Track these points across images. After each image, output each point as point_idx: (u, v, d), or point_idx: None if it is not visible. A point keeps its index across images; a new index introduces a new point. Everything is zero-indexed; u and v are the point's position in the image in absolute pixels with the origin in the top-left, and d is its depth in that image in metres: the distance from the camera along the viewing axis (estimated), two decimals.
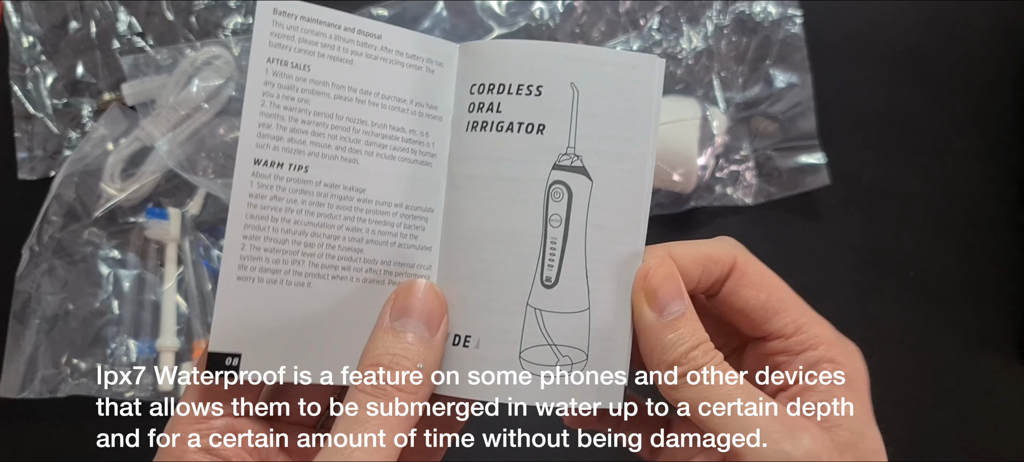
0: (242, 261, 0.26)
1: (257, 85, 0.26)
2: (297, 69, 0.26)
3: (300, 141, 0.26)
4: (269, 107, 0.26)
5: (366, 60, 0.27)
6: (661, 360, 0.26)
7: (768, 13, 0.53)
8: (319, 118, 0.26)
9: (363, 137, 0.27)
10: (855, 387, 0.26)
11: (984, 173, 0.54)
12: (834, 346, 0.27)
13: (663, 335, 0.26)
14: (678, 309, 0.26)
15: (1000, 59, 0.55)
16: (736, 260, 0.27)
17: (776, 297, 0.27)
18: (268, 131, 0.26)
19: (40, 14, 0.53)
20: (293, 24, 0.26)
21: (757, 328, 0.28)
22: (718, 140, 0.51)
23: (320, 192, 0.26)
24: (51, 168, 0.52)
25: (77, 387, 0.49)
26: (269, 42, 0.26)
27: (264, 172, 0.26)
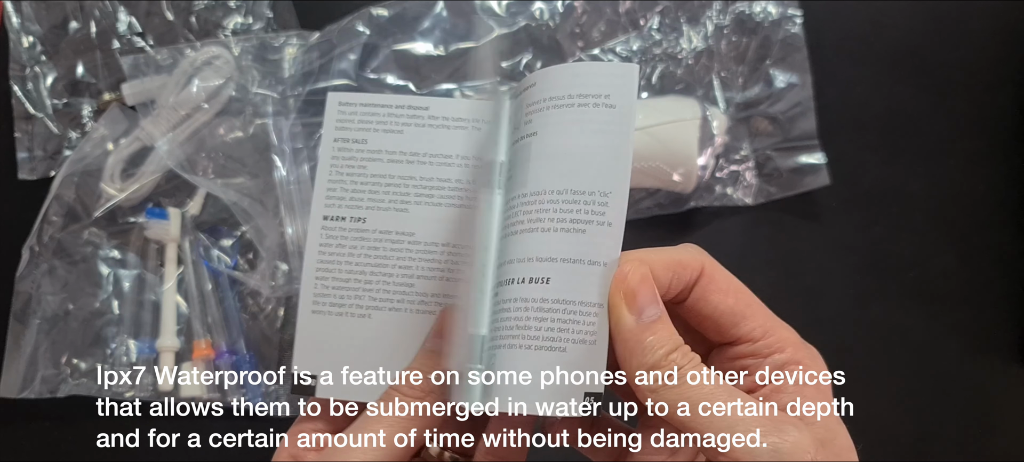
0: (315, 298, 0.32)
1: (326, 159, 0.32)
2: (356, 143, 0.32)
3: (359, 198, 0.32)
4: (334, 175, 0.32)
5: (415, 128, 0.32)
6: (641, 363, 0.26)
7: (768, 13, 0.53)
8: (375, 178, 0.32)
9: (412, 190, 0.32)
10: (821, 389, 0.27)
11: (985, 174, 0.54)
12: (800, 349, 0.27)
13: (642, 337, 0.26)
14: (654, 313, 0.26)
15: (1001, 60, 0.55)
16: (704, 266, 0.27)
17: (743, 302, 0.28)
18: (333, 193, 0.32)
19: (40, 14, 0.53)
20: (354, 110, 0.32)
21: (725, 333, 0.28)
22: (718, 140, 0.51)
23: (376, 238, 0.32)
24: (51, 168, 0.52)
25: (77, 387, 0.49)
26: (335, 126, 0.32)
27: (330, 226, 0.32)
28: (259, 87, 0.52)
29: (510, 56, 0.54)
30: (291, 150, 0.52)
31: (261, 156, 0.51)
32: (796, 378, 0.27)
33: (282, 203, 0.51)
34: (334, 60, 0.53)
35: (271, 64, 0.53)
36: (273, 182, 0.51)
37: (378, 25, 0.53)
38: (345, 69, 0.53)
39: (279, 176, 0.51)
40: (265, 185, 0.51)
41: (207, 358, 0.50)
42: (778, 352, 0.27)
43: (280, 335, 0.51)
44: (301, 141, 0.52)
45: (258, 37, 0.53)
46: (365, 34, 0.53)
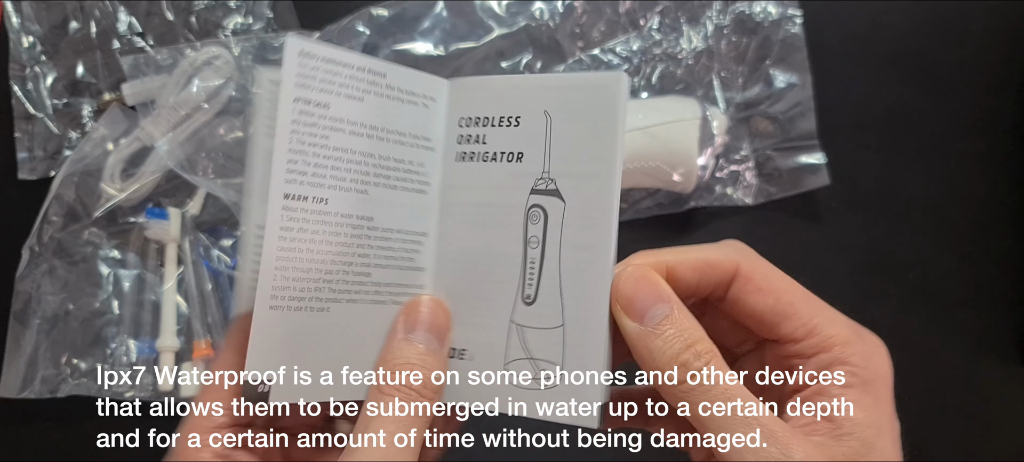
0: (274, 291, 0.27)
1: (285, 124, 0.27)
2: (319, 107, 0.28)
3: (321, 175, 0.28)
4: (296, 144, 0.27)
5: (374, 97, 0.29)
6: (652, 366, 0.26)
7: (768, 13, 0.53)
8: (337, 153, 0.28)
9: (372, 169, 0.29)
10: (869, 389, 0.25)
11: (985, 175, 0.54)
12: (850, 346, 0.26)
13: (649, 342, 0.25)
14: (662, 312, 0.26)
15: (1001, 60, 0.55)
16: (739, 266, 0.27)
17: (784, 301, 0.26)
18: (295, 167, 0.27)
19: (40, 14, 0.53)
20: (315, 65, 0.27)
21: (768, 332, 0.27)
22: (718, 140, 0.51)
23: (337, 222, 0.28)
24: (51, 168, 0.52)
25: (77, 387, 0.49)
26: (296, 83, 0.27)
27: (292, 205, 0.27)
28: (259, 87, 0.52)
29: (510, 56, 0.54)
30: None
31: None
32: (839, 380, 0.25)
33: None
34: None
35: (271, 64, 0.53)
36: None
37: (378, 25, 0.53)
38: None
39: None
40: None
41: (207, 358, 0.50)
42: (823, 352, 0.26)
43: None
44: None
45: (258, 37, 0.53)
46: (365, 34, 0.53)
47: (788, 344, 0.27)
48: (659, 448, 0.33)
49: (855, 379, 0.25)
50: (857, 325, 0.27)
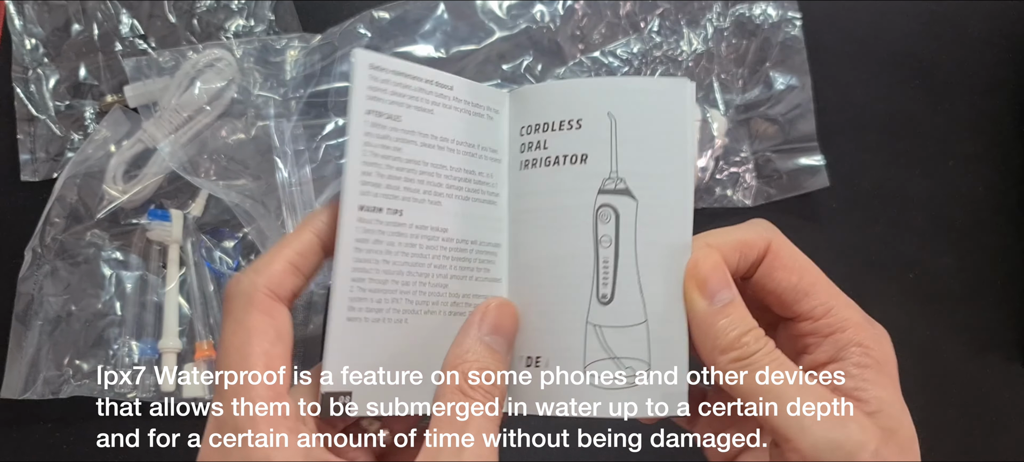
0: (351, 302, 0.27)
1: (358, 136, 0.27)
2: (390, 120, 0.28)
3: (395, 187, 0.28)
4: (369, 156, 0.27)
5: (443, 109, 0.29)
6: (714, 347, 0.26)
7: (768, 15, 0.53)
8: (410, 164, 0.28)
9: (444, 181, 0.29)
10: (884, 370, 0.27)
11: (984, 176, 0.54)
12: (863, 330, 0.27)
13: (715, 321, 0.26)
14: (727, 296, 0.27)
15: (1000, 62, 0.55)
16: (771, 243, 0.28)
17: (807, 280, 0.28)
18: (369, 178, 0.27)
19: (42, 16, 0.54)
20: (385, 78, 0.28)
21: (788, 309, 0.28)
22: (718, 142, 0.51)
23: (412, 234, 0.28)
24: (54, 170, 0.53)
25: (79, 388, 0.49)
26: (367, 95, 0.27)
27: (367, 217, 0.27)
28: (261, 89, 0.52)
29: (511, 58, 0.54)
30: (293, 152, 0.52)
31: (263, 158, 0.52)
32: (857, 360, 0.26)
33: (284, 205, 0.51)
34: (336, 62, 0.53)
35: (273, 66, 0.53)
36: (275, 184, 0.51)
37: (379, 28, 0.53)
38: (347, 71, 0.53)
39: (281, 178, 0.51)
40: (267, 187, 0.51)
41: (209, 359, 0.50)
42: (839, 332, 0.27)
43: None
44: (303, 143, 0.52)
45: (260, 39, 0.53)
46: (367, 36, 0.53)
47: (805, 323, 0.28)
48: (659, 448, 0.33)
49: (871, 360, 0.26)
50: (866, 314, 0.28)
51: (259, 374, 0.25)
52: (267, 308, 0.26)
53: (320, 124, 0.53)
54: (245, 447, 0.24)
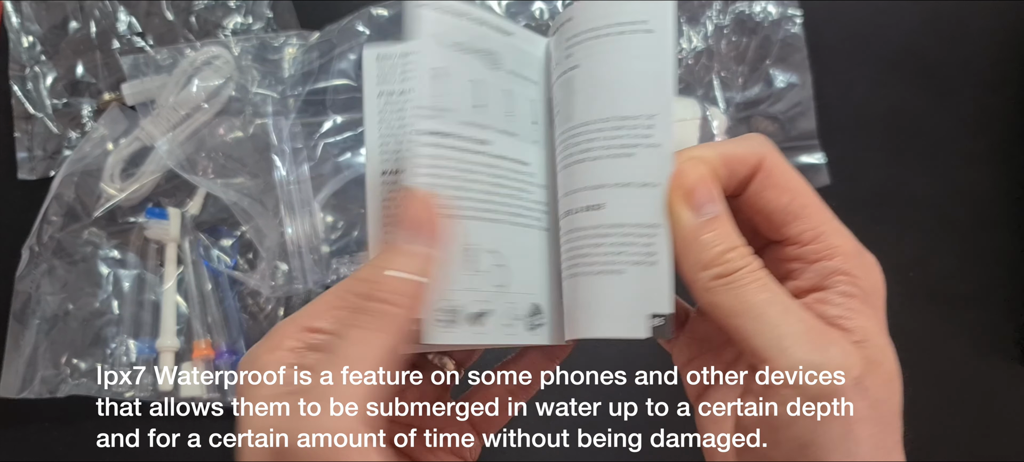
0: None
1: (373, 116, 0.30)
2: (401, 95, 0.30)
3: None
4: (384, 129, 0.30)
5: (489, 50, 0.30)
6: (697, 260, 0.25)
7: (768, 13, 0.53)
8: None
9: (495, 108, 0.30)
10: (870, 302, 0.26)
11: (987, 174, 0.54)
12: (850, 259, 0.26)
13: (699, 235, 0.25)
14: (713, 210, 0.25)
15: (1002, 59, 0.55)
16: (763, 159, 0.27)
17: (798, 202, 0.26)
18: (387, 147, 0.30)
19: (40, 14, 0.53)
20: (393, 62, 0.30)
21: (776, 231, 0.27)
22: (718, 140, 0.51)
23: None
24: (51, 168, 0.52)
25: (77, 387, 0.49)
26: (376, 81, 0.30)
27: (389, 179, 0.30)
28: (259, 87, 0.52)
29: None
30: (291, 150, 0.52)
31: (261, 156, 0.51)
32: (843, 289, 0.25)
33: (282, 203, 0.51)
34: (334, 60, 0.53)
35: (271, 64, 0.53)
36: (273, 182, 0.51)
37: (378, 25, 0.53)
38: (345, 69, 0.53)
39: (279, 176, 0.51)
40: (265, 185, 0.51)
41: (207, 358, 0.50)
42: (826, 259, 0.26)
43: None
44: (301, 141, 0.52)
45: (258, 37, 0.53)
46: (365, 34, 0.53)
47: (792, 247, 0.27)
48: (659, 448, 0.33)
49: (857, 290, 0.25)
50: (858, 242, 0.27)
51: (319, 308, 0.25)
52: None
53: (318, 122, 0.52)
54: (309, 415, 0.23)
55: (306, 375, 0.23)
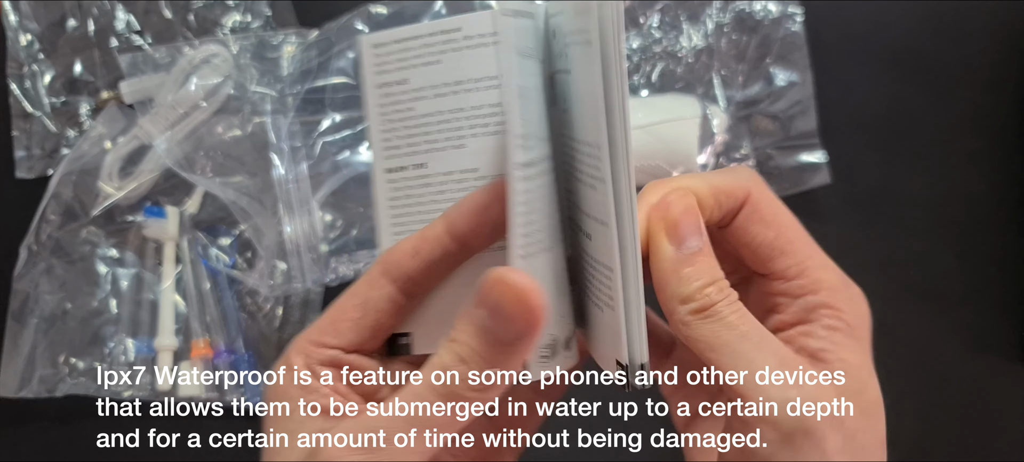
0: None
1: (374, 110, 0.29)
2: (399, 85, 0.29)
3: (415, 144, 0.29)
4: (385, 124, 0.29)
5: (452, 54, 0.29)
6: (675, 293, 0.25)
7: (768, 11, 0.53)
8: (425, 119, 0.29)
9: (465, 123, 0.29)
10: (854, 335, 0.26)
11: (985, 173, 0.54)
12: (836, 292, 0.26)
13: (680, 268, 0.25)
14: (696, 244, 0.25)
15: (1002, 59, 0.55)
16: (750, 193, 0.27)
17: (784, 237, 0.27)
18: (389, 142, 0.29)
19: (38, 12, 0.53)
20: (388, 50, 0.29)
21: (762, 265, 0.27)
22: (718, 138, 0.50)
23: (440, 182, 0.29)
24: (49, 167, 0.52)
25: (75, 386, 0.49)
26: (374, 72, 0.29)
27: (395, 177, 0.29)
28: (257, 85, 0.52)
29: None
30: (289, 148, 0.51)
31: (259, 154, 0.51)
32: (826, 323, 0.25)
33: (280, 201, 0.50)
34: (333, 58, 0.52)
35: (269, 62, 0.52)
36: (271, 180, 0.51)
37: (377, 23, 0.53)
38: (344, 67, 0.53)
39: (277, 174, 0.51)
40: (263, 183, 0.51)
41: (206, 357, 0.50)
42: (811, 294, 0.26)
43: (279, 334, 0.51)
44: (299, 139, 0.52)
45: (256, 35, 0.53)
46: (364, 32, 0.53)
47: (777, 281, 0.27)
48: (659, 448, 0.33)
49: (841, 323, 0.26)
50: (843, 274, 0.27)
51: (320, 323, 0.26)
52: (371, 281, 0.27)
53: (317, 120, 0.52)
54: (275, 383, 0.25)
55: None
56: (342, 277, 0.50)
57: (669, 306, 0.26)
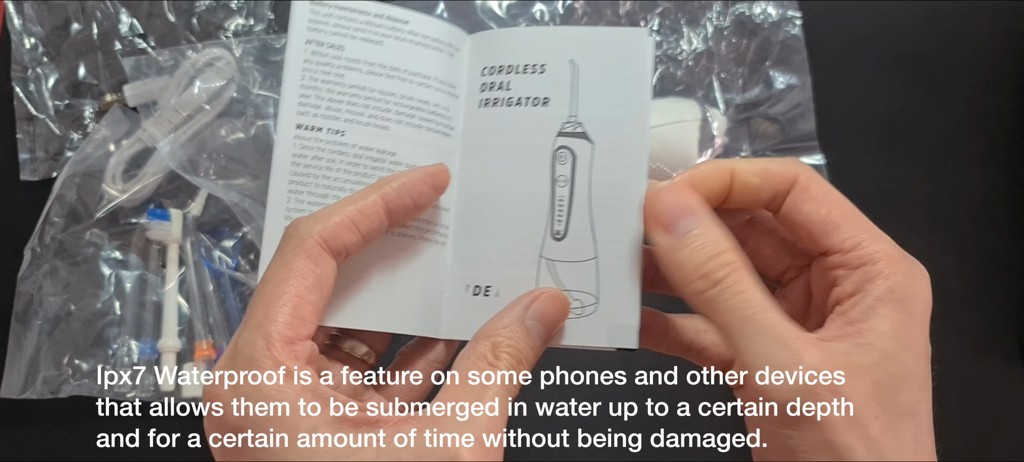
0: (288, 212, 0.29)
1: (296, 62, 0.30)
2: (332, 48, 0.30)
3: (336, 109, 0.30)
4: (308, 80, 0.30)
5: (395, 41, 0.30)
6: (679, 279, 0.26)
7: (768, 15, 0.53)
8: (353, 90, 0.30)
9: (393, 107, 0.30)
10: (905, 306, 0.25)
11: (985, 176, 0.54)
12: (895, 263, 0.26)
13: (676, 254, 0.26)
14: (689, 225, 0.26)
15: (1001, 61, 0.55)
16: (799, 175, 0.27)
17: (837, 213, 0.27)
18: (307, 101, 0.30)
19: (42, 16, 0.54)
20: (328, 12, 0.30)
21: (817, 243, 0.27)
22: (718, 141, 0.51)
23: (355, 154, 0.30)
24: (53, 169, 0.52)
25: (79, 388, 0.49)
26: (307, 27, 0.30)
27: (305, 135, 0.29)
28: (261, 88, 0.52)
29: None
30: None
31: (263, 157, 0.52)
32: (877, 293, 0.25)
33: None
34: None
35: (273, 65, 0.53)
36: None
37: None
38: None
39: None
40: (266, 186, 0.51)
41: (209, 359, 0.50)
42: (869, 264, 0.26)
43: None
44: None
45: (259, 38, 0.53)
46: None
47: (834, 256, 0.27)
48: (659, 448, 0.33)
49: (891, 294, 0.25)
50: (902, 250, 0.27)
51: (284, 312, 0.25)
52: (314, 255, 0.26)
53: None
54: (248, 383, 0.25)
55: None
56: None
57: (680, 290, 0.26)
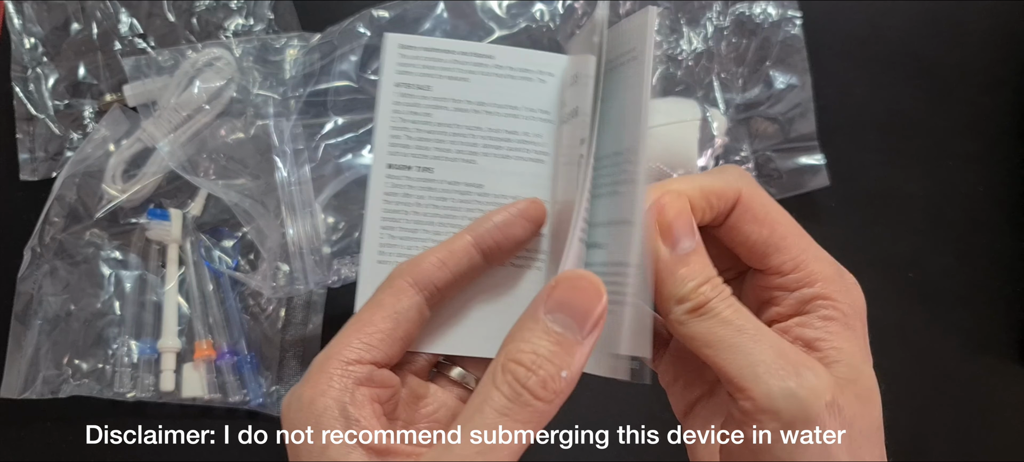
0: (381, 248, 0.31)
1: (387, 105, 0.31)
2: (420, 89, 0.31)
3: (425, 147, 0.31)
4: (397, 122, 0.31)
5: (480, 76, 0.31)
6: (671, 295, 0.26)
7: (768, 14, 0.53)
8: (441, 127, 0.31)
9: (480, 141, 0.31)
10: (850, 323, 0.26)
11: (983, 175, 0.54)
12: (831, 283, 0.27)
13: (675, 270, 0.26)
14: (689, 245, 0.26)
15: (999, 61, 0.55)
16: (741, 194, 0.27)
17: (778, 233, 0.27)
18: (397, 141, 0.31)
19: (41, 16, 0.54)
20: (416, 54, 0.31)
21: (757, 262, 0.28)
22: (718, 141, 0.51)
23: (443, 189, 0.31)
24: (53, 169, 0.52)
25: (79, 388, 0.49)
26: (396, 70, 0.31)
27: (396, 174, 0.31)
28: (260, 88, 0.52)
29: None
30: (292, 151, 0.52)
31: (262, 157, 0.52)
32: (822, 313, 0.26)
33: (283, 204, 0.51)
34: (335, 61, 0.53)
35: (272, 65, 0.53)
36: (274, 183, 0.51)
37: (379, 26, 0.53)
38: (346, 70, 0.53)
39: (280, 177, 0.51)
40: (266, 186, 0.51)
41: (208, 359, 0.50)
42: (806, 287, 0.27)
43: (281, 336, 0.51)
44: (302, 142, 0.52)
45: (259, 38, 0.53)
46: (366, 35, 0.53)
47: (773, 276, 0.27)
48: (658, 447, 0.33)
49: (837, 313, 0.26)
50: (837, 264, 0.28)
51: (349, 336, 0.26)
52: (397, 290, 0.27)
53: (319, 123, 0.52)
54: (298, 391, 0.26)
55: None
56: (344, 279, 0.50)
57: (665, 307, 0.26)
